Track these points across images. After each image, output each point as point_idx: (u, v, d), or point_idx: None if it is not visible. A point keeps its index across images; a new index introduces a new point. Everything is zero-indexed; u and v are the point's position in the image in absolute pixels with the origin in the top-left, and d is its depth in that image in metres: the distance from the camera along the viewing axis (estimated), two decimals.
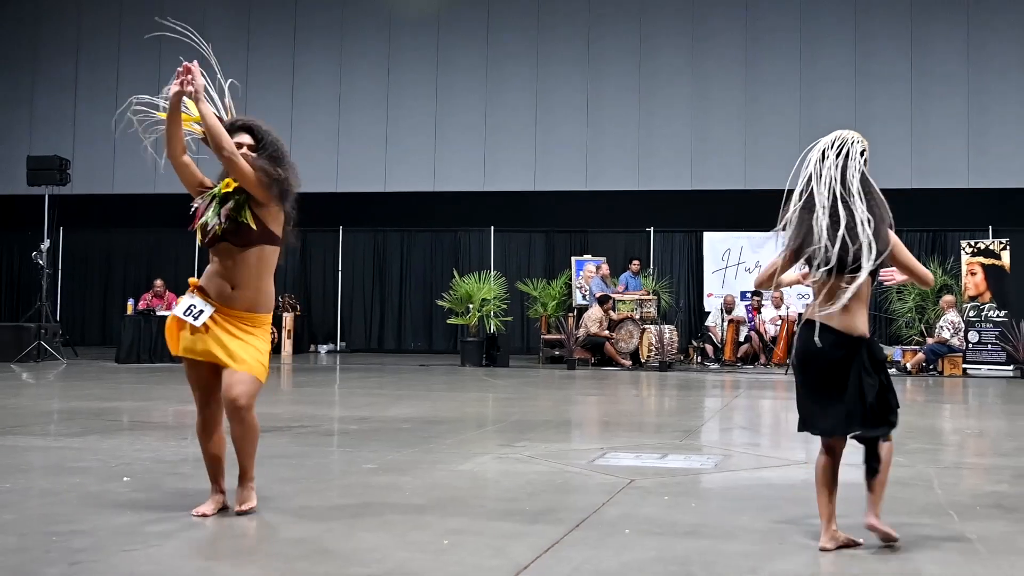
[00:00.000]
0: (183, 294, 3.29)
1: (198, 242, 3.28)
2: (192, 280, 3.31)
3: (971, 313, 11.41)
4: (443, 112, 15.35)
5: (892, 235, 2.98)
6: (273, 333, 13.73)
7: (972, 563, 2.83)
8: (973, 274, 11.65)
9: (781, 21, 14.60)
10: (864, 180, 2.96)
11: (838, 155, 2.95)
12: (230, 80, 3.44)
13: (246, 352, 3.17)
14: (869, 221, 2.88)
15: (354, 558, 2.78)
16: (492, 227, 15.04)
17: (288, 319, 13.93)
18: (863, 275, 2.86)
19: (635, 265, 13.19)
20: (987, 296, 11.48)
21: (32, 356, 11.46)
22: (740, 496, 3.83)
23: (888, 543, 2.94)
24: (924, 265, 2.93)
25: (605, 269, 13.05)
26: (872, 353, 2.94)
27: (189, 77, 3.13)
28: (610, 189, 14.74)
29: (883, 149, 14.34)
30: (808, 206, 2.93)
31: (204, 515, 3.21)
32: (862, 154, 2.99)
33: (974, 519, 3.40)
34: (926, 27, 14.24)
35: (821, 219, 2.87)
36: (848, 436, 2.98)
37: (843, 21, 14.47)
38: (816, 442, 3.06)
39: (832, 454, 2.99)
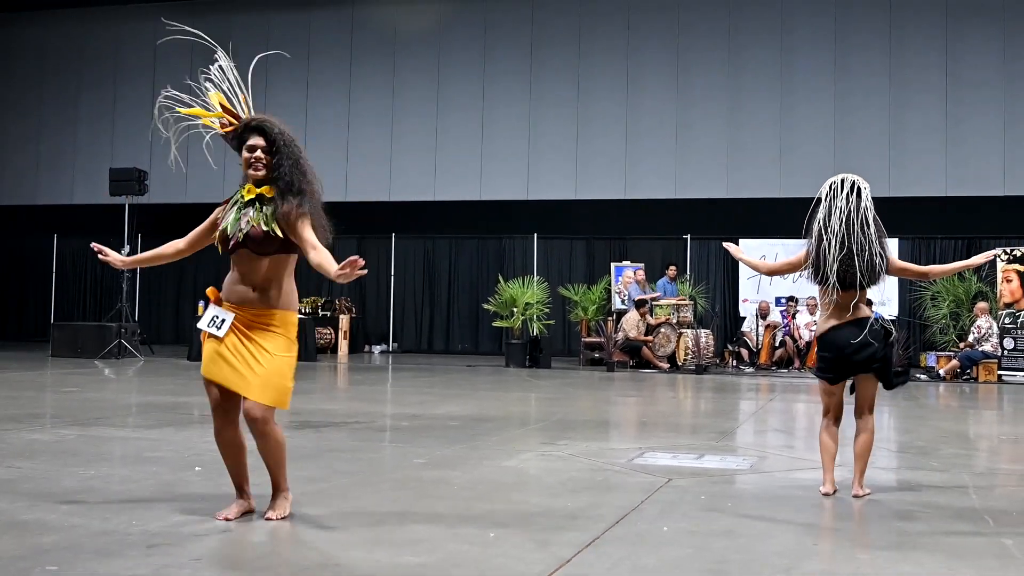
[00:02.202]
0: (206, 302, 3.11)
1: (219, 251, 3.08)
2: (211, 290, 3.13)
3: (1007, 320, 11.02)
4: (488, 124, 15.42)
5: (893, 259, 3.75)
6: (330, 334, 13.98)
7: (1009, 568, 2.73)
8: (1008, 281, 11.26)
9: (815, 32, 14.33)
10: (874, 217, 3.63)
11: (850, 194, 3.60)
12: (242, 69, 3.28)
13: (263, 374, 2.96)
14: (866, 249, 3.56)
15: (406, 548, 2.81)
16: (535, 234, 15.04)
17: (344, 321, 14.14)
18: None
19: (672, 271, 13.06)
20: (1023, 303, 11.08)
21: (113, 353, 11.82)
22: (775, 496, 3.77)
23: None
24: (960, 274, 4.00)
25: (641, 275, 12.95)
26: (884, 326, 3.72)
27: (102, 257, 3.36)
28: (648, 198, 14.63)
29: (918, 157, 13.98)
30: (823, 231, 3.62)
31: (227, 519, 3.05)
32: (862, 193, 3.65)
33: (1010, 525, 3.29)
34: (960, 36, 13.82)
35: (834, 248, 3.56)
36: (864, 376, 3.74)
37: (877, 31, 14.13)
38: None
39: (835, 425, 3.78)
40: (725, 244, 4.34)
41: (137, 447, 4.79)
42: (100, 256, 3.38)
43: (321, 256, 2.95)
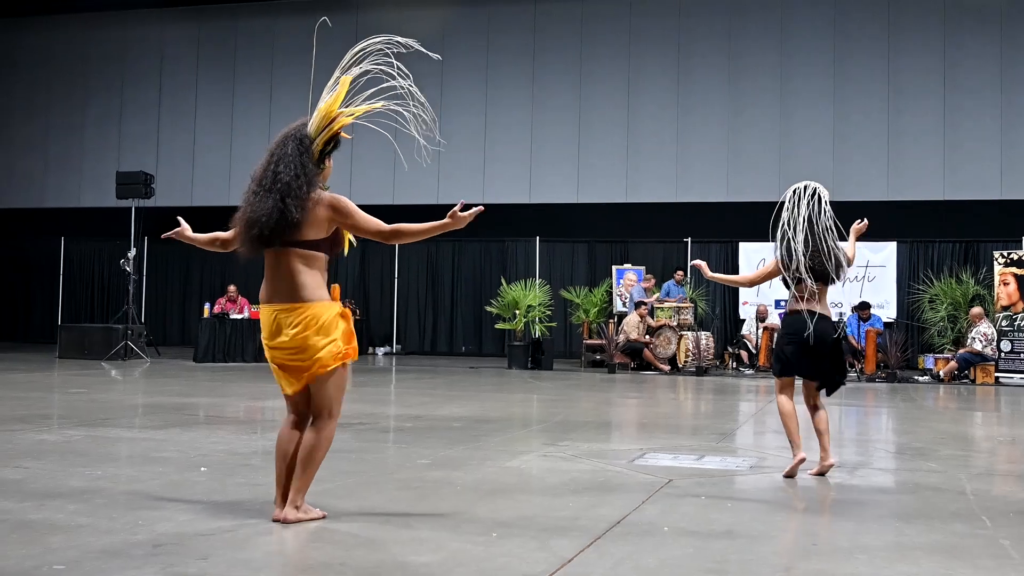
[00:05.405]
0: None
1: (346, 252, 3.35)
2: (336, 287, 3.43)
3: (1004, 323, 11.01)
4: (491, 128, 15.44)
5: (850, 256, 4.23)
6: None
7: (1005, 568, 2.73)
8: (1006, 284, 11.24)
9: (814, 38, 14.33)
10: (834, 220, 4.04)
11: (811, 199, 4.06)
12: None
13: None
14: (833, 248, 4.02)
15: (409, 547, 2.81)
16: (537, 237, 15.05)
17: None
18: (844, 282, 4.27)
19: (679, 275, 13.03)
20: (1020, 306, 11.07)
21: (120, 355, 11.84)
22: (774, 497, 3.77)
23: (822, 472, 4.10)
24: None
25: (650, 284, 12.88)
26: (837, 333, 4.19)
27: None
28: (649, 201, 14.63)
29: (915, 162, 13.97)
30: (788, 229, 4.08)
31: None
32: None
33: (1007, 525, 3.28)
34: (958, 42, 13.82)
35: (799, 244, 4.01)
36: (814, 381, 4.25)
37: (875, 37, 14.13)
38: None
39: (791, 398, 4.21)
40: (695, 262, 4.68)
41: (143, 448, 4.80)
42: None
43: None
